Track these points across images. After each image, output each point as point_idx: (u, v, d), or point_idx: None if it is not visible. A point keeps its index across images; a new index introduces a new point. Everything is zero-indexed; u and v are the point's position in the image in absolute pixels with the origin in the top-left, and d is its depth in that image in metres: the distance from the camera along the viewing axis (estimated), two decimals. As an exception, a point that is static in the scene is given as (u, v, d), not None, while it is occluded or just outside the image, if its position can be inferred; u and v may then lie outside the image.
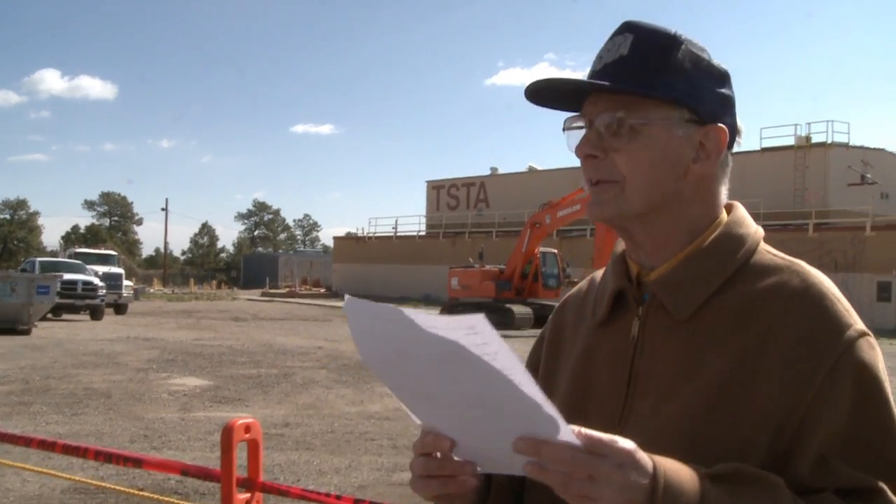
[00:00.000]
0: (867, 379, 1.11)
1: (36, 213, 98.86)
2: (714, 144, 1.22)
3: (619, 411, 1.21)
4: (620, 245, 1.34)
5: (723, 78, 1.24)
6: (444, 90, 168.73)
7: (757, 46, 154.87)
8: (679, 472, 1.01)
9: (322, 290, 59.34)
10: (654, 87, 1.18)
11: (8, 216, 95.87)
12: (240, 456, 2.95)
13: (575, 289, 1.47)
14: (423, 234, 56.00)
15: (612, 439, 0.97)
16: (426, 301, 44.91)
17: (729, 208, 1.30)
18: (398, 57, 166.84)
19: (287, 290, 59.41)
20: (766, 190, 37.96)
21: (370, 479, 7.25)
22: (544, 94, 1.26)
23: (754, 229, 1.27)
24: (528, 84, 1.23)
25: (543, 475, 0.96)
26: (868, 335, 1.14)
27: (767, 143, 40.47)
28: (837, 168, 38.47)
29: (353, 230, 62.28)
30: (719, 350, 1.15)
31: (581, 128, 1.25)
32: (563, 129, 1.28)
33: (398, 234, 57.04)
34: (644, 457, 0.98)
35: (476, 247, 35.35)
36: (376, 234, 58.65)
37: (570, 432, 0.95)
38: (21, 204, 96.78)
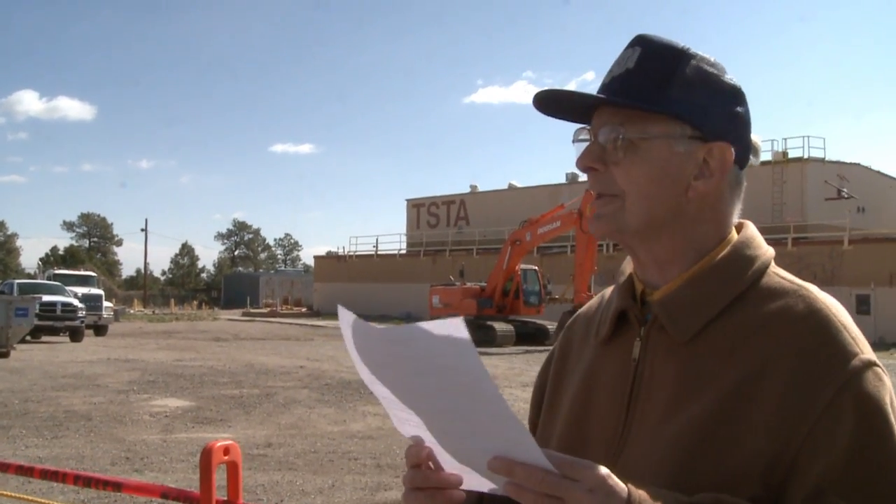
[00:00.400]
0: (870, 412, 1.05)
1: (14, 235, 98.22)
2: (718, 162, 1.18)
3: (618, 433, 1.20)
4: (629, 263, 1.32)
5: (734, 95, 1.21)
6: (423, 108, 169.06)
7: (730, 62, 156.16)
8: (655, 499, 1.00)
9: (303, 310, 59.15)
10: (654, 102, 1.16)
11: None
12: (222, 477, 2.96)
13: (585, 306, 1.44)
14: (403, 252, 56.00)
15: (584, 464, 0.98)
16: (408, 319, 44.86)
17: (739, 227, 1.26)
18: (377, 76, 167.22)
19: (268, 309, 59.15)
20: (744, 205, 37.57)
21: (353, 498, 7.23)
22: (553, 105, 1.25)
23: (763, 250, 1.23)
24: (535, 94, 1.23)
25: (519, 495, 0.98)
26: (876, 366, 1.09)
27: (745, 159, 40.78)
28: (814, 183, 38.88)
29: (333, 249, 62.15)
30: (717, 375, 1.12)
31: (587, 140, 1.24)
32: (573, 141, 1.26)
33: (379, 252, 57.02)
34: (617, 483, 0.98)
35: (457, 265, 35.41)
36: (357, 253, 58.56)
37: (542, 455, 0.96)
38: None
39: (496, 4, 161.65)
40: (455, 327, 0.94)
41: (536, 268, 31.48)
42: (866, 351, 1.10)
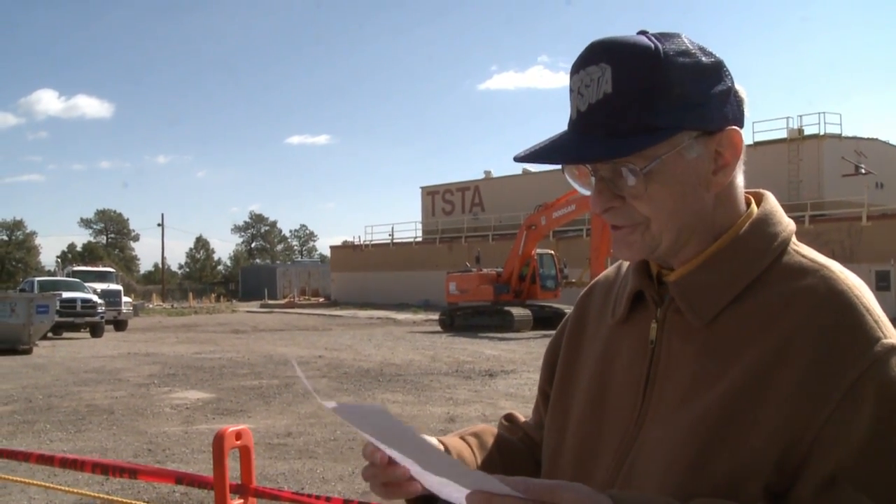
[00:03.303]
0: (892, 400, 1.00)
1: (33, 233, 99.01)
2: (730, 149, 1.13)
3: (635, 416, 1.17)
4: None
5: (717, 71, 1.12)
6: (437, 96, 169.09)
7: (747, 40, 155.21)
8: None
9: (321, 300, 59.42)
10: (654, 129, 1.08)
11: (5, 237, 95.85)
12: (238, 466, 3.00)
13: (602, 276, 1.41)
14: (419, 240, 56.06)
15: (562, 487, 0.94)
16: (425, 306, 44.93)
17: (759, 199, 1.22)
18: (392, 65, 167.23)
19: (286, 300, 59.42)
20: (760, 183, 36.19)
21: (374, 484, 7.28)
22: (540, 157, 1.15)
23: (784, 225, 1.18)
24: (516, 156, 1.16)
25: None
26: None
27: (760, 137, 40.55)
28: (831, 159, 38.59)
29: (349, 239, 62.35)
30: (736, 359, 1.08)
31: (575, 174, 1.18)
32: (563, 171, 1.19)
33: (395, 240, 57.11)
34: (599, 500, 0.95)
35: (473, 251, 35.39)
36: (373, 242, 58.69)
37: (508, 488, 0.95)
38: (18, 224, 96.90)
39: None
40: (373, 411, 1.00)
41: (552, 252, 31.44)
42: (890, 335, 1.05)
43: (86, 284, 30.28)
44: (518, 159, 1.16)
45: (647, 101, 1.07)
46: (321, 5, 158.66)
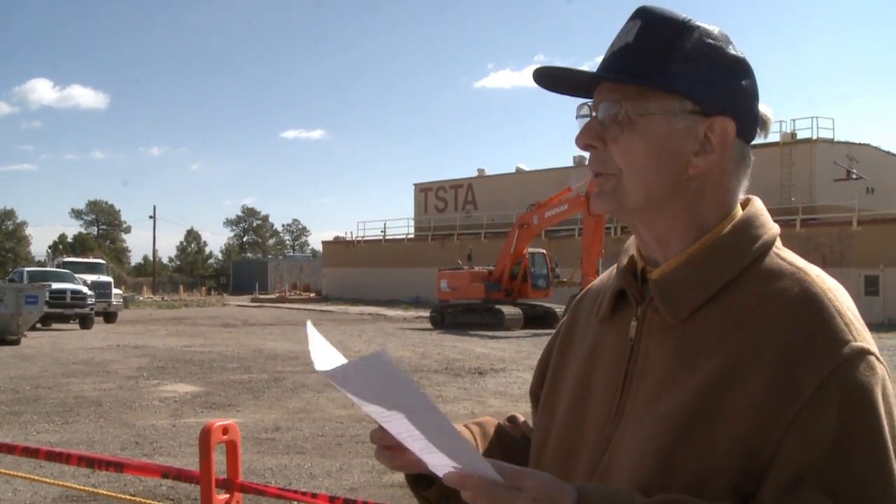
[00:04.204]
0: (858, 403, 1.01)
1: (24, 223, 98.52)
2: (719, 138, 1.15)
3: (612, 414, 1.19)
4: (633, 241, 1.30)
5: (738, 67, 1.17)
6: (433, 93, 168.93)
7: (747, 39, 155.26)
8: (609, 503, 1.01)
9: (312, 295, 59.32)
10: (652, 78, 1.13)
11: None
12: (223, 460, 2.99)
13: (596, 280, 1.43)
14: (411, 236, 56.06)
15: (527, 473, 1.01)
16: (416, 303, 44.94)
17: (745, 203, 1.23)
18: (389, 60, 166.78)
19: (277, 295, 59.32)
20: (752, 186, 37.47)
21: (361, 481, 7.28)
22: (554, 82, 1.22)
23: (767, 228, 1.19)
24: (534, 71, 1.20)
25: (474, 503, 1.01)
26: (869, 354, 1.05)
27: (753, 141, 40.59)
28: (823, 163, 38.71)
29: (341, 234, 62.26)
30: (708, 358, 1.09)
31: (585, 105, 1.22)
32: (576, 117, 1.23)
33: (387, 237, 57.10)
34: (563, 489, 1.00)
35: (465, 248, 35.46)
36: (365, 238, 58.65)
37: (489, 466, 1.01)
38: (8, 214, 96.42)
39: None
40: (380, 361, 0.99)
41: (544, 251, 31.46)
42: (861, 339, 1.06)
43: (76, 276, 30.19)
44: (536, 72, 1.20)
45: (657, 57, 1.14)
46: (320, 2, 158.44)
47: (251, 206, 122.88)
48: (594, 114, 1.19)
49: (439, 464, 1.08)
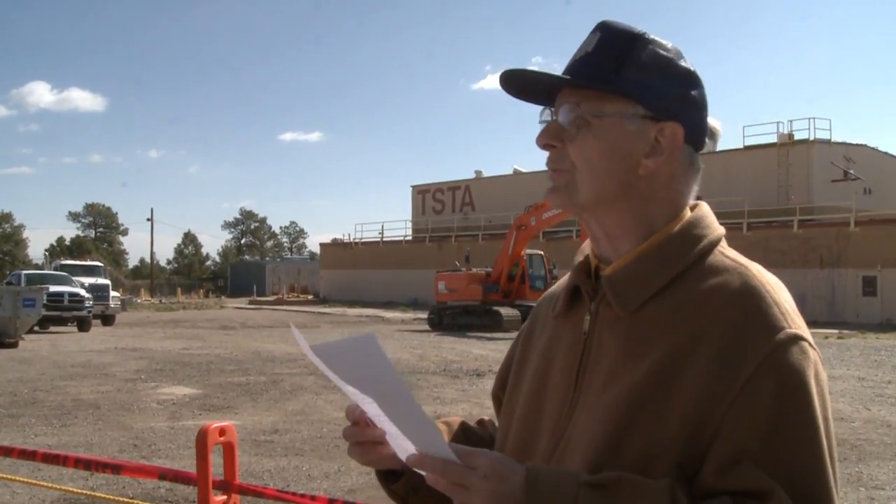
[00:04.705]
0: (792, 385, 1.10)
1: (21, 226, 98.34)
2: (669, 141, 1.23)
3: (566, 405, 1.25)
4: (588, 242, 1.37)
5: (688, 78, 1.26)
6: (431, 95, 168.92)
7: (737, 44, 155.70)
8: (556, 481, 1.08)
9: (310, 297, 59.26)
10: (608, 82, 1.22)
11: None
12: (221, 462, 2.99)
13: (554, 286, 1.50)
14: (409, 238, 56.02)
15: (479, 453, 1.09)
16: (414, 305, 44.92)
17: (694, 208, 1.30)
18: (386, 63, 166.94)
19: (274, 297, 59.28)
20: (749, 187, 38.16)
21: (359, 483, 7.28)
22: (519, 87, 1.31)
23: (712, 229, 1.27)
24: (500, 74, 1.28)
25: (435, 484, 1.10)
26: (802, 340, 1.13)
27: (750, 141, 40.62)
28: (820, 164, 38.72)
29: (339, 236, 62.20)
30: (654, 347, 1.16)
31: (547, 110, 1.31)
32: (539, 122, 1.32)
33: (384, 239, 57.04)
34: (512, 467, 1.08)
35: (462, 250, 35.39)
36: (363, 240, 58.59)
37: (448, 448, 1.10)
38: (6, 217, 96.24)
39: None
40: (368, 343, 1.09)
41: (542, 252, 31.45)
42: (794, 325, 1.14)
43: (73, 278, 30.16)
44: (501, 76, 1.29)
45: (614, 64, 1.22)
46: (317, 3, 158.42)
47: (249, 209, 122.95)
48: (555, 117, 1.27)
49: (406, 447, 1.15)
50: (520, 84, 1.30)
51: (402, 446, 1.17)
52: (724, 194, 37.57)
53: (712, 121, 1.31)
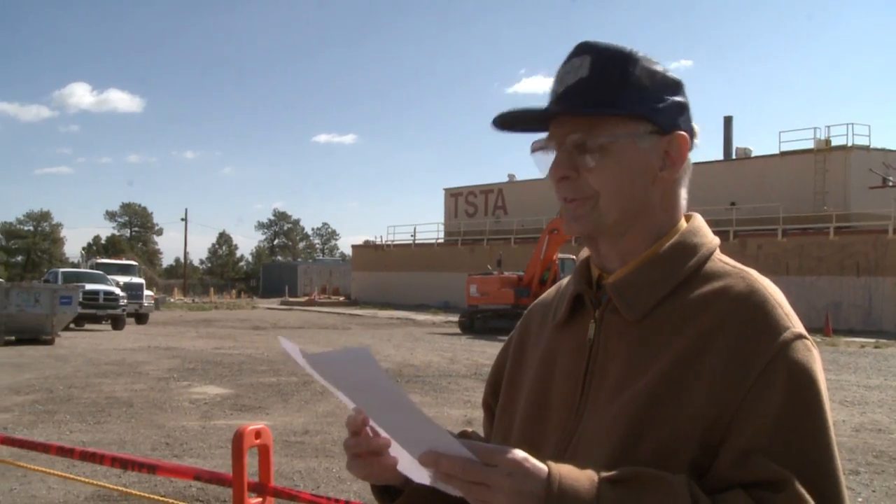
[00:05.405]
0: (800, 379, 1.15)
1: (59, 225, 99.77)
2: (677, 151, 1.29)
3: (574, 409, 1.27)
4: (585, 251, 1.41)
5: (677, 87, 1.30)
6: (465, 99, 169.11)
7: (775, 49, 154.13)
8: (576, 477, 1.09)
9: (341, 299, 59.45)
10: (616, 106, 1.24)
11: (32, 228, 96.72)
12: (256, 463, 2.99)
13: (543, 295, 1.53)
14: (441, 241, 56.05)
15: (501, 450, 1.09)
16: (445, 308, 44.91)
17: (688, 218, 1.36)
18: (422, 66, 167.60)
19: (306, 298, 59.55)
20: (786, 193, 37.73)
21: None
22: (511, 121, 1.32)
23: (709, 238, 1.33)
24: (496, 116, 1.29)
25: (448, 483, 1.09)
26: (805, 338, 1.19)
27: (787, 147, 40.24)
28: (858, 171, 38.16)
29: (371, 238, 62.38)
30: (664, 350, 1.21)
31: (545, 149, 1.31)
32: (532, 152, 1.34)
33: (416, 241, 57.10)
34: (536, 465, 1.08)
35: (494, 254, 35.37)
36: (395, 242, 58.73)
37: (463, 447, 1.08)
38: (44, 216, 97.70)
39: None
40: (360, 355, 1.09)
41: (574, 257, 31.08)
42: (797, 325, 1.20)
43: (109, 277, 30.55)
44: (499, 116, 1.30)
45: (615, 86, 1.25)
46: (355, 6, 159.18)
47: (282, 210, 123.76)
48: (559, 146, 1.28)
49: (413, 452, 1.13)
50: (512, 118, 1.31)
51: (408, 452, 1.15)
52: (760, 200, 37.20)
53: (693, 123, 1.34)
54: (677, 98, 1.30)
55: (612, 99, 1.24)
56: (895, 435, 9.93)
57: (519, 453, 1.08)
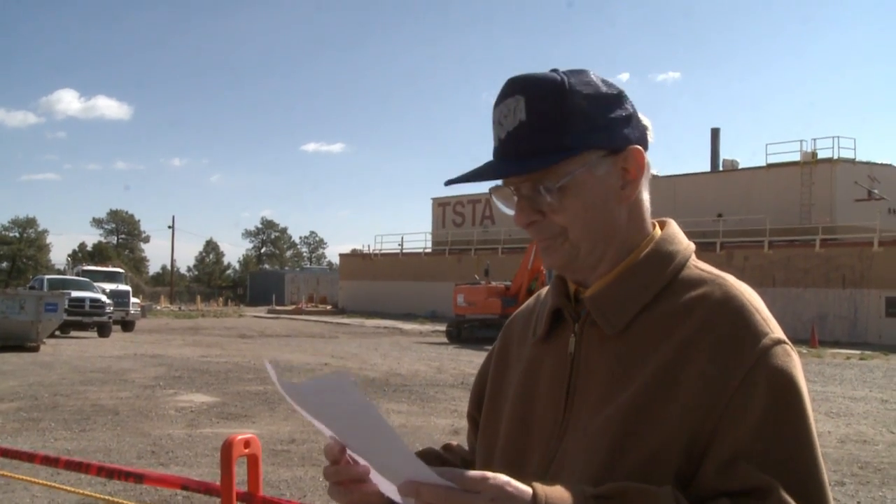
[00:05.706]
0: (781, 385, 1.15)
1: (45, 232, 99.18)
2: (635, 165, 1.26)
3: (557, 425, 1.27)
4: None
5: (618, 99, 1.26)
6: (454, 108, 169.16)
7: (762, 62, 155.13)
8: (562, 497, 1.08)
9: (328, 308, 59.31)
10: (562, 149, 1.21)
11: (17, 234, 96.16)
12: (244, 471, 2.99)
13: (523, 306, 1.52)
14: (428, 250, 56.02)
15: (483, 476, 1.05)
16: (432, 317, 44.88)
17: (662, 225, 1.35)
18: (411, 76, 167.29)
19: (293, 307, 59.38)
20: (772, 206, 37.93)
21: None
22: (460, 179, 1.28)
23: (684, 245, 1.32)
24: (446, 181, 1.27)
25: None
26: (785, 343, 1.19)
27: (773, 160, 40.44)
28: (844, 183, 38.42)
29: (359, 247, 62.31)
30: (645, 362, 1.20)
31: (501, 188, 1.29)
32: (495, 199, 1.32)
33: (404, 250, 57.07)
34: (519, 488, 1.06)
35: (482, 263, 35.35)
36: (382, 252, 58.68)
37: (438, 477, 1.05)
38: (30, 222, 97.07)
39: (533, 4, 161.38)
40: (341, 382, 1.06)
41: (561, 267, 31.31)
42: (776, 331, 1.20)
43: (95, 284, 30.35)
44: (448, 183, 1.28)
45: (557, 125, 1.21)
46: (344, 15, 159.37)
47: (269, 218, 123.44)
48: (516, 192, 1.27)
49: (392, 482, 1.12)
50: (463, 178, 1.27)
51: (388, 481, 1.14)
52: (747, 212, 37.36)
53: (643, 117, 1.31)
54: (620, 112, 1.26)
55: (556, 142, 1.21)
56: (880, 446, 9.99)
57: (501, 478, 1.06)
